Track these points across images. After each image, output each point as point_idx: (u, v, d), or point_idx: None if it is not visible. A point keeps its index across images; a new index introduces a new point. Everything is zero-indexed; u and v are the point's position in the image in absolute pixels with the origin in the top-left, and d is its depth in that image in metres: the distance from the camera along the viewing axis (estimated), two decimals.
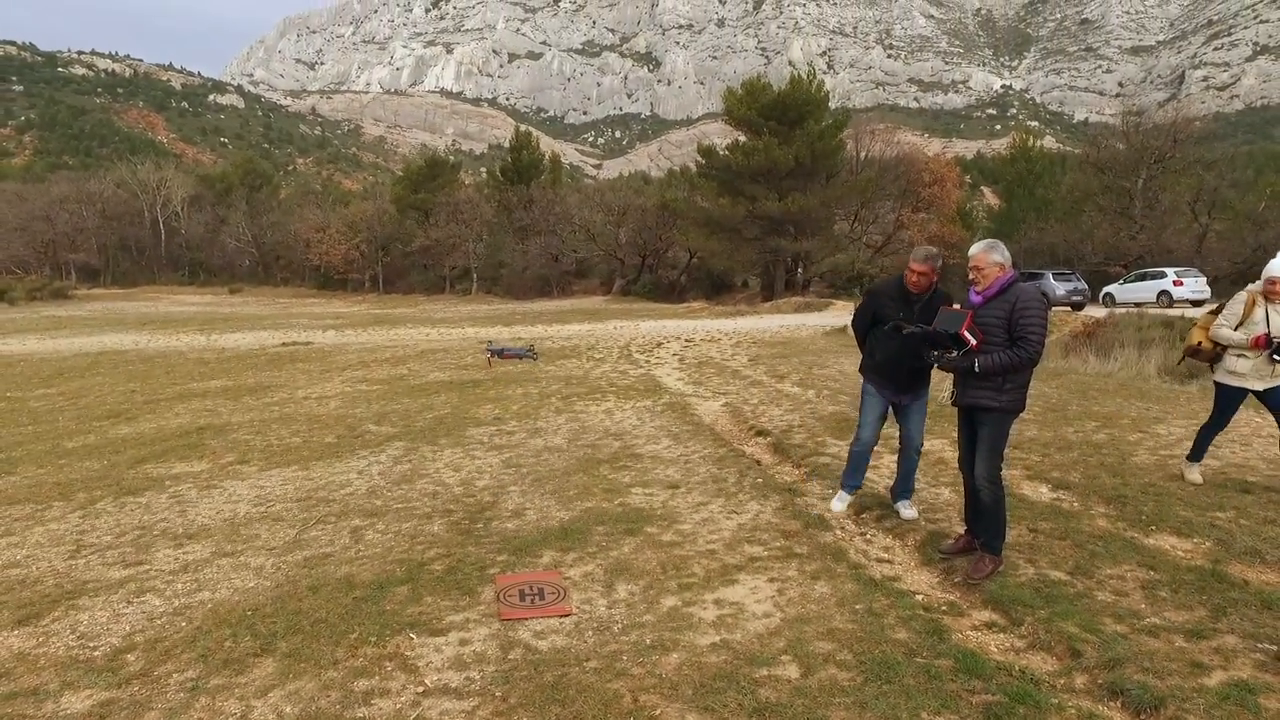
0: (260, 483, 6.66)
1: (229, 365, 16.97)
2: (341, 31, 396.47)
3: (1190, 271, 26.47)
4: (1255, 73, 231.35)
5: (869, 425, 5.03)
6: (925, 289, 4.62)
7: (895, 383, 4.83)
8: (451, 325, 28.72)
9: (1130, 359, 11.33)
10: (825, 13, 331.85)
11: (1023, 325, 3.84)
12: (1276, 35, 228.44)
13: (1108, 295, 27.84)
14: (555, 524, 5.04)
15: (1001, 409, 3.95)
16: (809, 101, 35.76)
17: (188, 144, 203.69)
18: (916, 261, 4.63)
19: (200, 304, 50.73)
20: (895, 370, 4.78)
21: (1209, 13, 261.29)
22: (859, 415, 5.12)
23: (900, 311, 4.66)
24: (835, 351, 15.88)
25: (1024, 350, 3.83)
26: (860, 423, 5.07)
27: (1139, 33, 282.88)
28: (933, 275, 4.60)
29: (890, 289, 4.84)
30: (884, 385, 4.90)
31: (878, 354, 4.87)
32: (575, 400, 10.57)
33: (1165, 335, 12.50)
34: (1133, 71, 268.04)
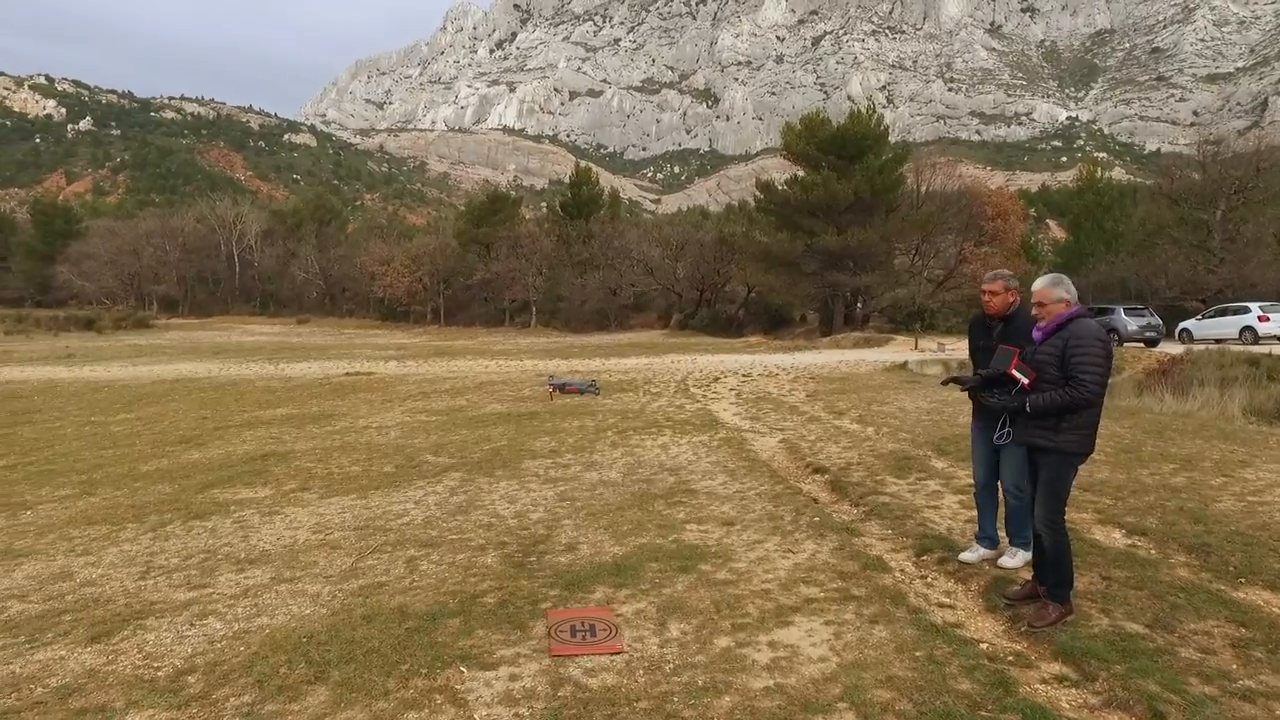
0: (320, 510, 6.79)
1: (294, 394, 17.48)
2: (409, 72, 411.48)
3: (1277, 307, 25.22)
4: None
5: (976, 463, 4.82)
6: (1001, 311, 4.47)
7: (985, 417, 4.64)
8: (510, 358, 29.10)
9: (1211, 398, 10.82)
10: (885, 47, 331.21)
11: (1075, 364, 3.69)
12: None
13: (1184, 331, 26.74)
14: (608, 559, 5.00)
15: (1059, 450, 3.79)
16: (868, 136, 35.57)
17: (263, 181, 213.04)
18: (986, 282, 4.53)
19: (270, 334, 52.56)
20: (984, 406, 4.65)
21: None
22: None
23: (981, 339, 4.59)
24: (895, 388, 15.57)
25: (1077, 390, 3.67)
26: (972, 460, 4.91)
27: (1216, 60, 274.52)
28: (1008, 295, 4.44)
29: (978, 316, 4.72)
30: (978, 419, 4.72)
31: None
32: (631, 434, 10.55)
33: (1250, 373, 11.93)
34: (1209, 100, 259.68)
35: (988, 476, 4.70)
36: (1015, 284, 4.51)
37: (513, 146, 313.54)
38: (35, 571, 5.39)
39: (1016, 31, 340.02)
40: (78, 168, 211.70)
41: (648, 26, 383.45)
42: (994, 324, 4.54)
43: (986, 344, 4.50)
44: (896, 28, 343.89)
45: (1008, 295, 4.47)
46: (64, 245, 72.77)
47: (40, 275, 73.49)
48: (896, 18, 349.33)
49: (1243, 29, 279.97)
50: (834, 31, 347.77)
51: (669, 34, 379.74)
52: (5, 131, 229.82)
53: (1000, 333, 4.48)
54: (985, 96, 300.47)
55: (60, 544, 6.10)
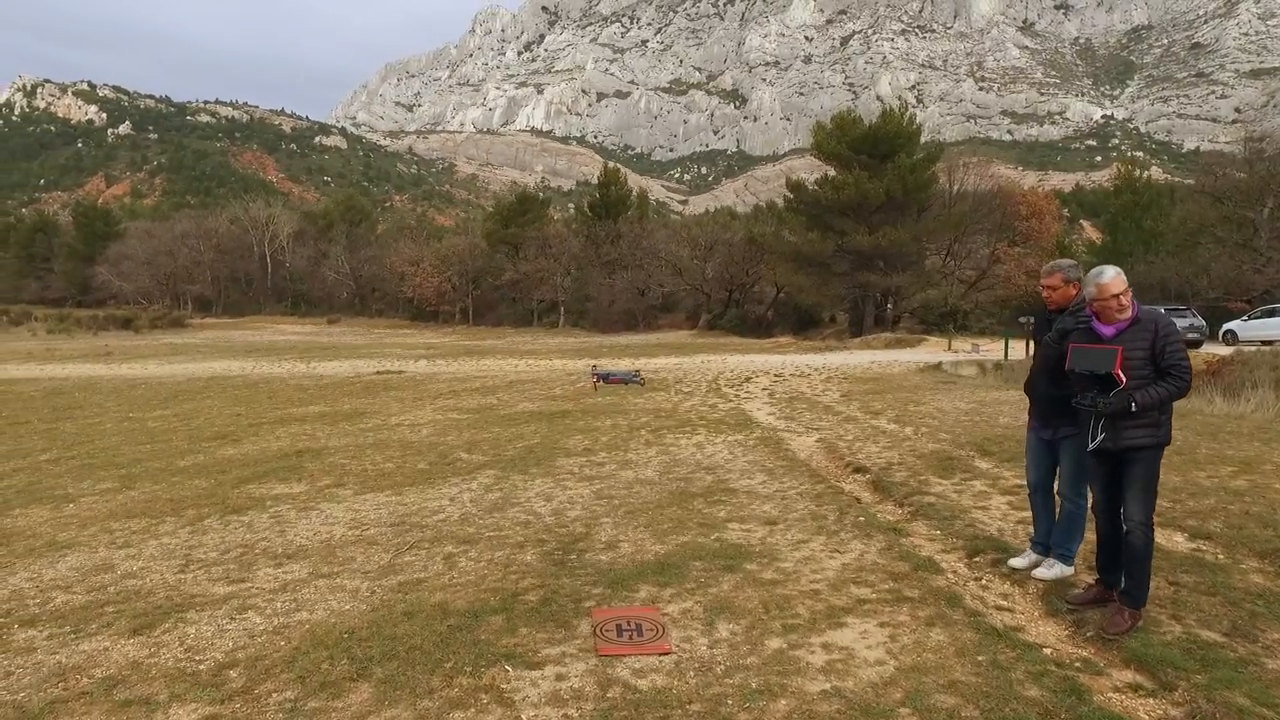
0: (355, 506, 6.75)
1: (326, 392, 17.59)
2: (438, 75, 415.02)
3: None
4: None
5: (1030, 465, 4.60)
6: (1062, 304, 4.25)
7: (1039, 413, 4.45)
8: (539, 357, 29.11)
9: (1266, 400, 10.45)
10: (914, 47, 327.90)
11: (1171, 353, 3.58)
12: None
13: (1229, 333, 26.05)
14: (651, 558, 4.89)
15: (1158, 445, 3.67)
16: (900, 135, 35.13)
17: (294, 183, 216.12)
18: (1044, 275, 4.34)
19: (301, 333, 53.20)
20: (1035, 399, 4.45)
21: None
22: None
23: (1040, 332, 4.41)
24: (931, 389, 15.30)
25: (1180, 379, 3.58)
26: (1026, 462, 4.70)
27: (1260, 55, 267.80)
28: (1069, 289, 4.22)
29: (1043, 310, 4.53)
30: (1033, 416, 4.53)
31: (1027, 380, 4.56)
32: (665, 433, 10.44)
33: None
34: (1252, 96, 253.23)
35: (1042, 479, 4.48)
36: (1078, 275, 4.28)
37: (540, 148, 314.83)
38: (78, 563, 5.40)
39: (1050, 29, 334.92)
40: (117, 171, 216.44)
41: (675, 27, 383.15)
42: (1055, 316, 4.35)
43: (1045, 336, 4.33)
44: (926, 26, 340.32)
45: (1069, 288, 4.25)
46: (103, 247, 74.41)
47: (81, 276, 75.23)
48: (926, 16, 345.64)
49: None
50: (863, 31, 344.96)
51: (696, 35, 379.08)
52: (50, 137, 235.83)
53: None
54: (1017, 95, 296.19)
55: (101, 536, 6.12)
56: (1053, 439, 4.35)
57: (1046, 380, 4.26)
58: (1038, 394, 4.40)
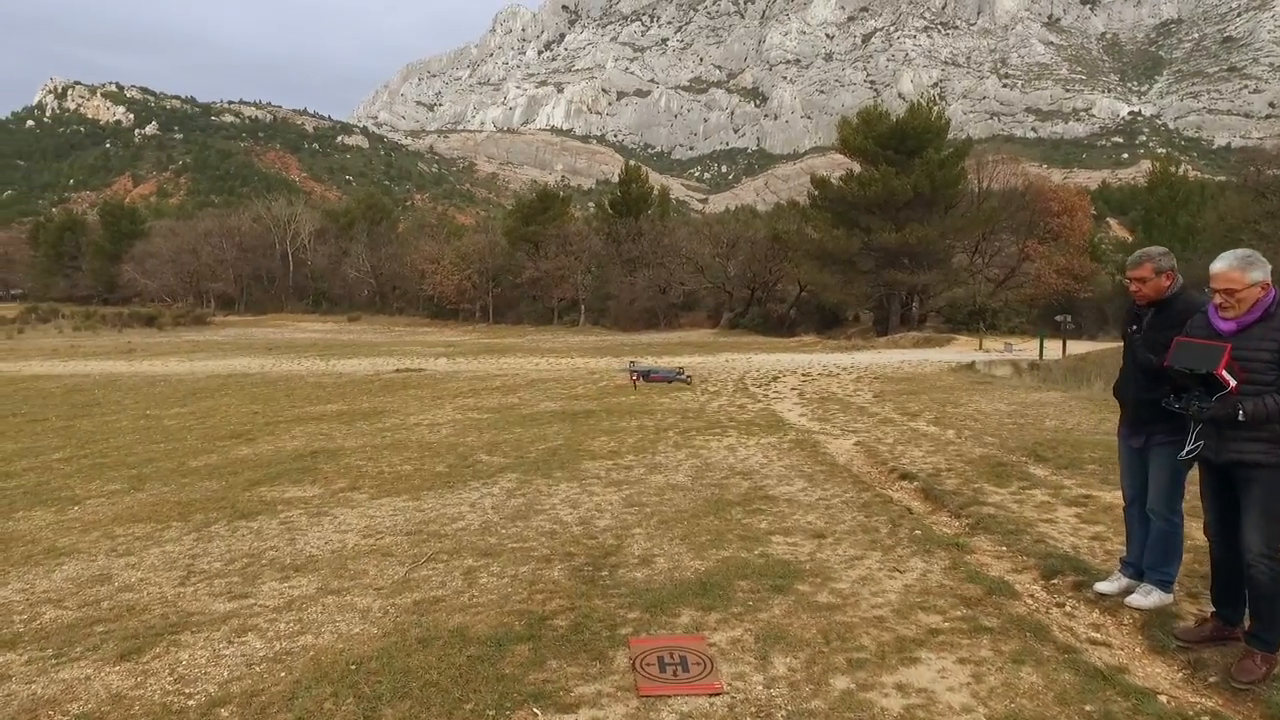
0: (370, 512, 6.36)
1: (345, 390, 17.30)
2: (459, 74, 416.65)
3: None
4: None
5: (1123, 477, 4.09)
6: (1153, 297, 3.76)
7: (1128, 418, 3.94)
8: (560, 356, 28.74)
9: None
10: (937, 44, 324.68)
11: None
12: None
13: None
14: (690, 575, 4.44)
15: (1277, 465, 3.09)
16: (928, 130, 34.39)
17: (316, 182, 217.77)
18: (1130, 267, 3.82)
19: (321, 331, 53.22)
20: (1124, 404, 3.94)
21: None
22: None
23: (1129, 327, 3.90)
24: (967, 389, 14.73)
25: None
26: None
27: None
28: (1160, 280, 3.72)
29: (1130, 305, 4.02)
30: (1122, 423, 4.03)
31: (1116, 383, 4.05)
32: (694, 435, 9.99)
33: None
34: None
35: (1137, 492, 3.96)
36: (1169, 264, 3.77)
37: (560, 147, 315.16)
38: (75, 573, 5.05)
39: (1076, 24, 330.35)
40: (143, 170, 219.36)
41: (695, 26, 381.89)
42: (1143, 310, 3.85)
43: (1137, 335, 3.83)
44: (949, 23, 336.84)
45: (1160, 279, 3.74)
46: (129, 245, 75.08)
47: (107, 274, 75.95)
48: (949, 13, 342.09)
49: None
50: (885, 28, 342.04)
51: (717, 33, 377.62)
52: (79, 138, 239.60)
53: (1150, 322, 3.80)
54: (1042, 92, 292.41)
55: (103, 543, 5.78)
56: (1143, 447, 3.84)
57: (1137, 382, 3.77)
58: (1127, 398, 3.90)
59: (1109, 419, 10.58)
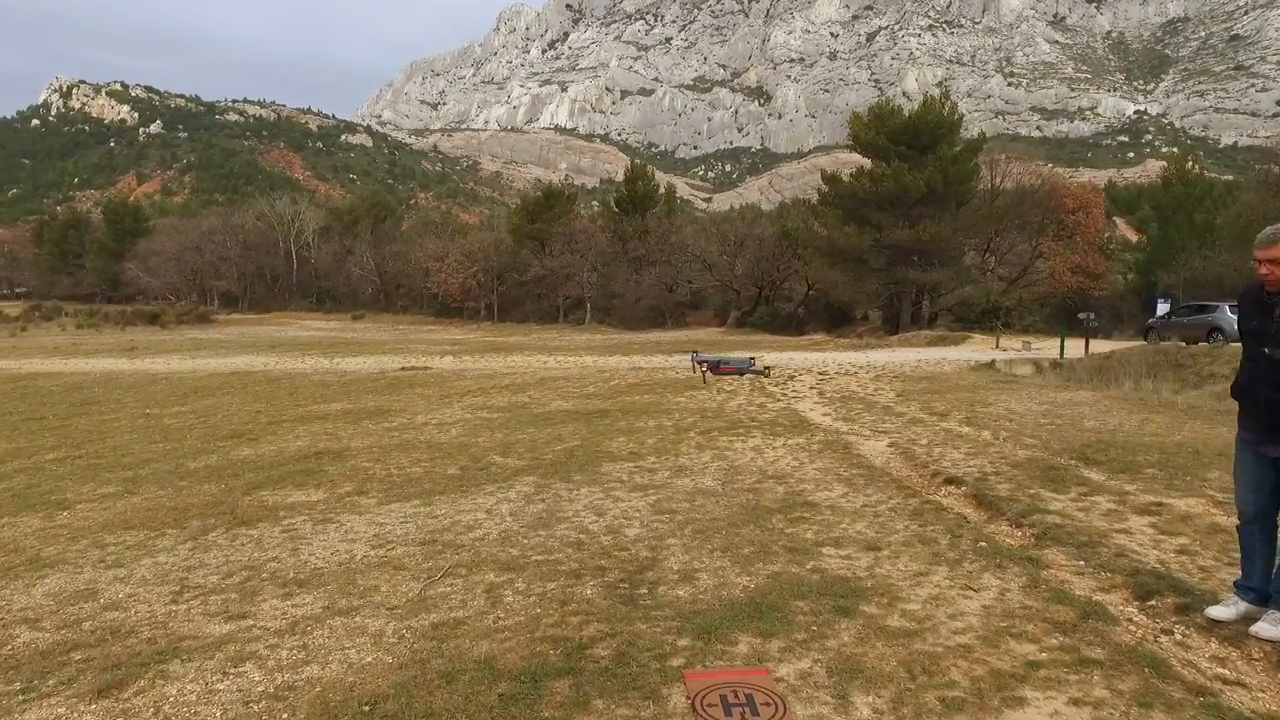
0: (379, 519, 5.91)
1: (350, 388, 16.87)
2: (463, 73, 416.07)
3: None
4: None
5: (1242, 489, 3.58)
6: None
7: (1255, 423, 3.46)
8: (568, 354, 28.29)
9: None
10: (941, 42, 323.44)
11: None
12: None
13: None
14: (740, 594, 3.97)
15: None
16: (941, 125, 33.85)
17: (320, 180, 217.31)
18: (1261, 246, 3.32)
19: (325, 329, 52.83)
20: (1253, 405, 3.46)
21: None
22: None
23: (1256, 319, 3.40)
24: (990, 388, 14.25)
25: None
26: (1235, 485, 3.67)
27: None
28: None
29: (1250, 293, 3.53)
30: (1246, 427, 3.53)
31: (1238, 382, 3.57)
32: (717, 435, 9.53)
33: None
34: None
35: (1263, 506, 3.47)
36: None
37: (564, 145, 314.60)
38: (58, 587, 4.61)
39: (1081, 23, 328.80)
40: (148, 169, 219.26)
41: (699, 24, 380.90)
42: (1274, 299, 3.35)
43: (1264, 325, 3.35)
44: (954, 22, 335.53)
45: None
46: (133, 243, 74.86)
47: (111, 272, 75.74)
48: (954, 12, 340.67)
49: None
50: (889, 27, 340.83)
51: (721, 32, 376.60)
52: (84, 136, 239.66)
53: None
54: (1047, 91, 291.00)
55: (91, 552, 5.34)
56: (1266, 454, 3.37)
57: (1272, 381, 3.29)
58: (1258, 399, 3.41)
59: (1151, 419, 10.10)
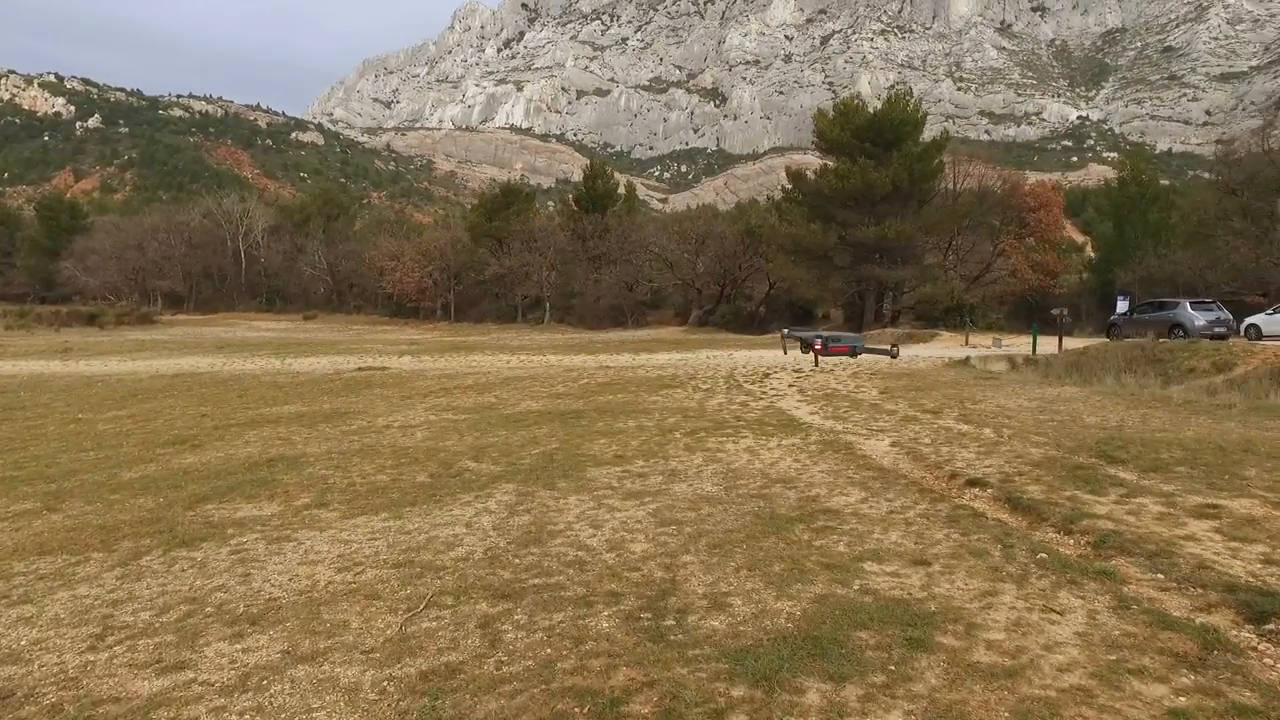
0: (344, 535, 5.16)
1: (304, 390, 15.88)
2: (417, 71, 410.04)
3: None
4: None
5: None
6: None
7: None
8: (531, 353, 27.46)
9: None
10: (894, 47, 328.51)
11: None
12: None
13: (1252, 327, 24.87)
14: (786, 623, 3.35)
15: None
16: (906, 122, 33.75)
17: (270, 179, 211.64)
18: None
19: (276, 329, 51.00)
20: None
21: None
22: None
23: None
24: (973, 384, 13.92)
25: None
26: None
27: (1230, 59, 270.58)
28: None
29: None
30: None
31: None
32: (704, 436, 8.92)
33: None
34: (1222, 99, 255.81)
35: None
36: None
37: (520, 145, 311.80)
38: None
39: (1027, 30, 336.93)
40: (86, 165, 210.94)
41: (655, 25, 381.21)
42: None
43: None
44: (906, 27, 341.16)
45: None
46: (69, 241, 71.45)
47: (45, 271, 72.26)
48: (906, 17, 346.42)
49: (1257, 27, 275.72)
50: (843, 30, 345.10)
51: (677, 33, 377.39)
52: (14, 129, 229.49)
53: None
54: (995, 96, 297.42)
55: None
56: None
57: None
58: None
59: (1152, 415, 9.77)
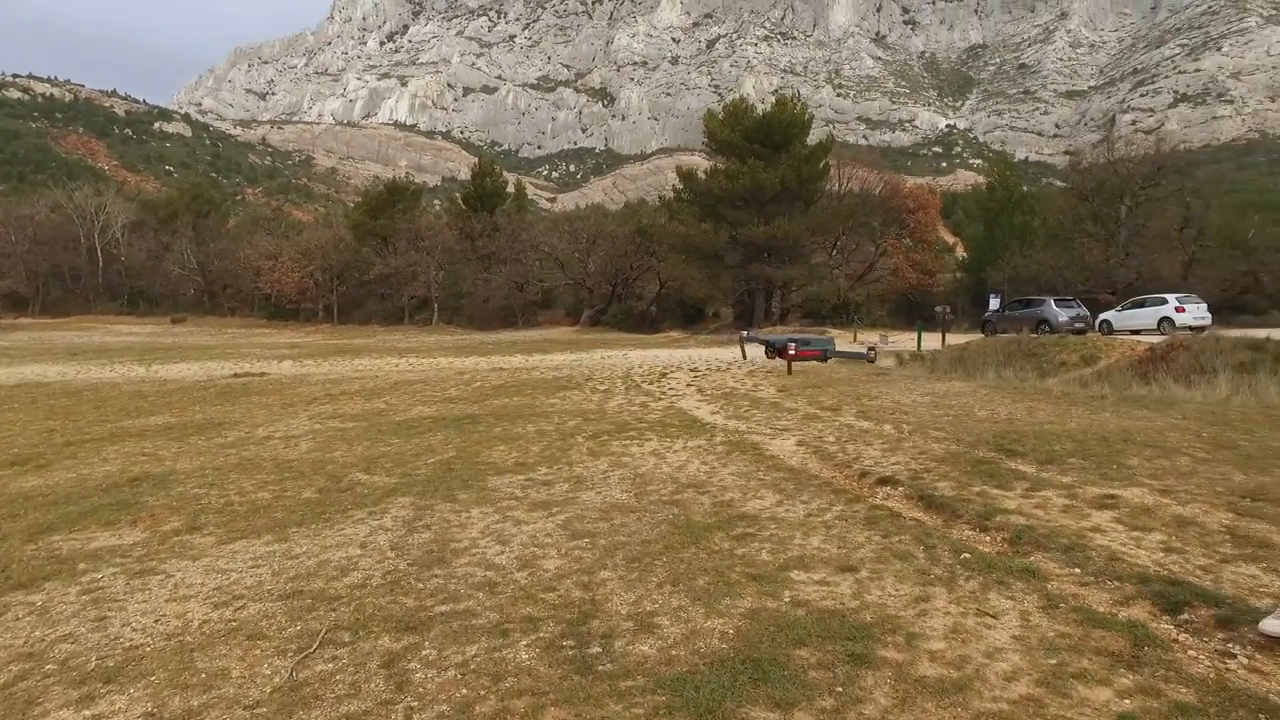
0: (221, 563, 4.62)
1: (172, 399, 14.63)
2: (294, 63, 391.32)
3: (1191, 298, 25.64)
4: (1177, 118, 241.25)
5: None
6: None
7: None
8: (421, 355, 26.49)
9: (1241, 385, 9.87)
10: (777, 53, 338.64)
11: None
12: (1194, 85, 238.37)
13: (1104, 322, 26.90)
14: (721, 644, 3.14)
15: None
16: (794, 124, 34.63)
17: (131, 171, 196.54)
18: None
19: (140, 334, 47.27)
20: None
21: (1134, 62, 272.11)
22: None
23: None
24: (866, 381, 14.30)
25: None
26: None
27: (1072, 78, 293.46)
28: None
29: None
30: None
31: None
32: (607, 439, 8.69)
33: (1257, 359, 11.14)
34: (1068, 114, 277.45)
35: None
36: None
37: (404, 142, 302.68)
38: None
39: (899, 42, 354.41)
40: None
41: (544, 24, 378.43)
42: None
43: None
44: (788, 34, 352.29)
45: None
46: None
47: None
48: (788, 24, 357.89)
49: (1093, 51, 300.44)
50: (728, 35, 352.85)
51: (565, 32, 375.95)
52: None
53: None
54: (871, 103, 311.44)
55: None
56: None
57: None
58: None
59: (1037, 408, 10.21)
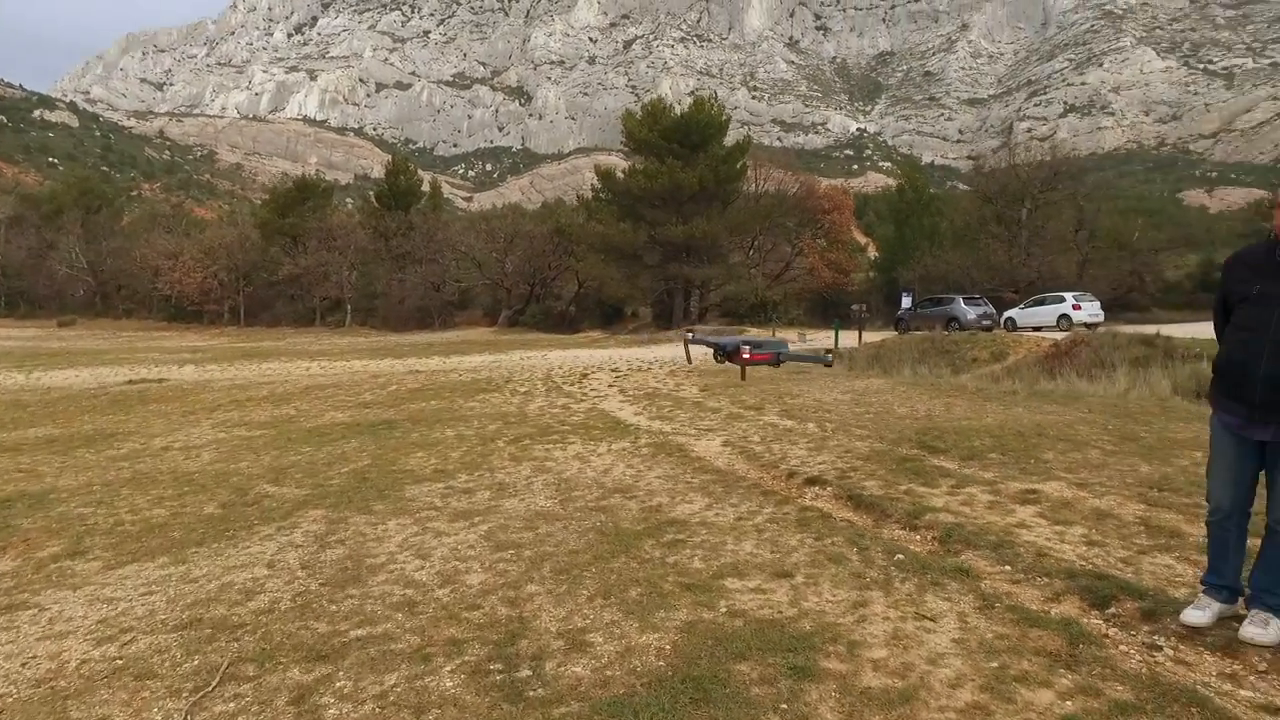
0: (107, 592, 4.21)
1: (57, 409, 13.61)
2: (194, 52, 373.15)
3: (1086, 296, 27.17)
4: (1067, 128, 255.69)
5: (1219, 479, 3.15)
6: None
7: (1246, 403, 3.02)
8: (333, 358, 25.56)
9: (1137, 379, 10.37)
10: (693, 54, 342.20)
11: None
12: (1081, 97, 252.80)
13: (1009, 319, 28.15)
14: (658, 660, 3.00)
15: None
16: (711, 124, 34.99)
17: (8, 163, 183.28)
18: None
19: (20, 338, 44.07)
20: (1245, 382, 3.01)
21: (1028, 74, 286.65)
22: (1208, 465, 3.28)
23: (1257, 285, 2.99)
24: (787, 379, 14.53)
25: None
26: (1208, 475, 3.27)
27: (974, 86, 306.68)
28: None
29: (1253, 254, 3.13)
30: (1230, 409, 3.09)
31: (1225, 357, 3.14)
32: (529, 443, 8.47)
33: (1150, 354, 11.74)
34: (970, 120, 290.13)
35: (1238, 500, 3.11)
36: None
37: (314, 138, 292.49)
38: None
39: (812, 47, 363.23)
40: None
41: (459, 20, 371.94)
42: None
43: (1270, 288, 2.96)
44: (704, 36, 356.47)
45: None
46: None
47: None
48: (704, 27, 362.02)
49: (992, 62, 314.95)
50: (645, 36, 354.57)
51: (481, 29, 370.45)
52: None
53: None
54: (785, 106, 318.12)
55: None
56: (1275, 439, 2.98)
57: (1274, 353, 2.90)
58: (1254, 376, 3.00)
59: (953, 404, 10.46)
